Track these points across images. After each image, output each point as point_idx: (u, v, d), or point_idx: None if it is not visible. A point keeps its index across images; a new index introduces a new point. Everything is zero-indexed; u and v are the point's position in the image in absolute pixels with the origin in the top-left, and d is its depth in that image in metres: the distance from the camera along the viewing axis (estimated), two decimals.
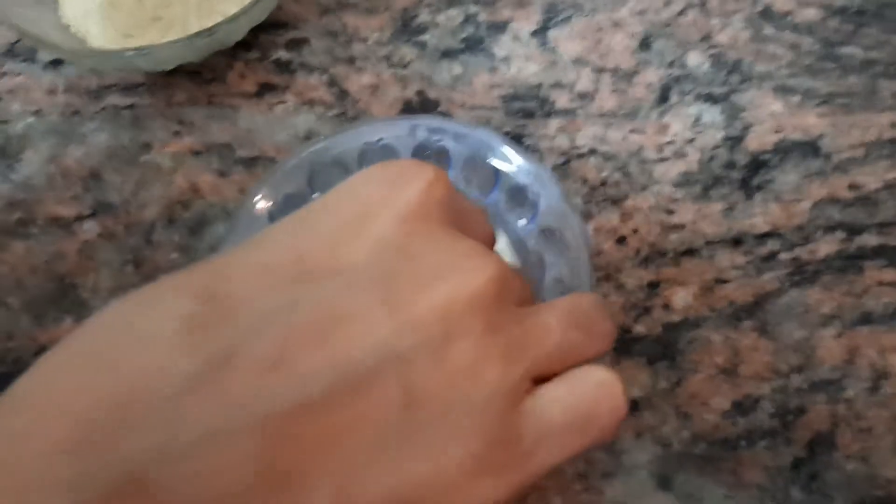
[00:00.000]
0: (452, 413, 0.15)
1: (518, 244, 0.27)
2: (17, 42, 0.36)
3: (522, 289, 0.18)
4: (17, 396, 0.13)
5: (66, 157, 0.33)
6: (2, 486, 0.12)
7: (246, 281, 0.15)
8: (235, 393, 0.13)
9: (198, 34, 0.30)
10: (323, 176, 0.27)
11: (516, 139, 0.33)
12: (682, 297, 0.29)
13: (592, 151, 0.32)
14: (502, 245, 0.27)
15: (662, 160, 0.32)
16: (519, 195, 0.27)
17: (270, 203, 0.26)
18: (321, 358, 0.14)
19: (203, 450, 0.12)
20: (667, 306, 0.29)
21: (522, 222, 0.27)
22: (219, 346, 0.13)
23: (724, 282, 0.29)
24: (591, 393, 0.16)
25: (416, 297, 0.15)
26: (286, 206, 0.27)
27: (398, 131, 0.27)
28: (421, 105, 0.34)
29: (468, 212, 0.19)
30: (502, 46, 0.35)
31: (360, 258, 0.15)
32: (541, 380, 0.16)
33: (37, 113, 0.34)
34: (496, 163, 0.27)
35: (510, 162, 0.27)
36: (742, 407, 0.27)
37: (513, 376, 0.15)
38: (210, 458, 0.12)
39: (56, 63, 0.35)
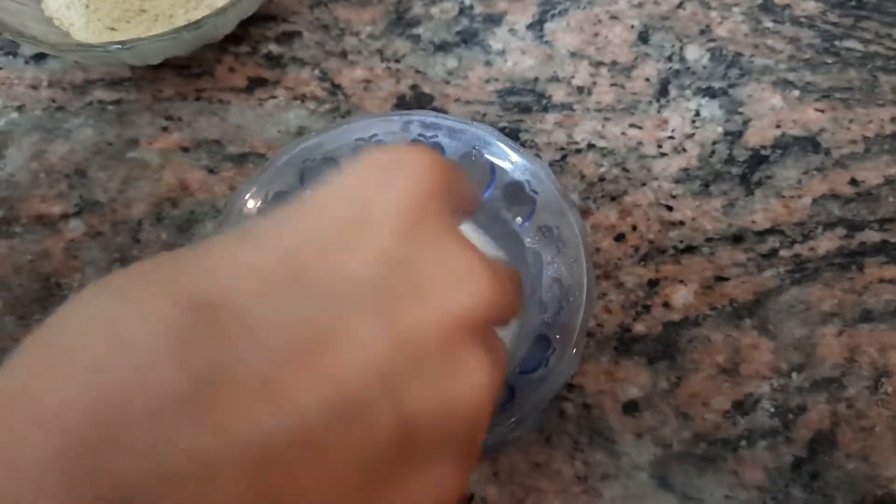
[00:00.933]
0: (447, 444, 0.15)
1: (515, 242, 0.27)
2: None
3: (515, 294, 0.18)
4: None
5: (50, 154, 0.32)
6: None
7: (235, 287, 0.14)
8: (224, 417, 0.13)
9: (185, 27, 0.29)
10: (314, 173, 0.26)
11: (512, 134, 0.32)
12: (682, 295, 0.28)
13: (590, 147, 0.32)
14: (477, 239, 0.27)
15: (661, 155, 0.31)
16: (516, 192, 0.27)
17: (260, 201, 0.26)
18: (312, 381, 0.13)
19: (190, 477, 0.12)
20: (667, 304, 0.28)
21: (519, 220, 0.27)
22: (208, 364, 0.13)
23: (725, 279, 0.29)
24: None
25: (414, 317, 0.15)
26: (277, 203, 0.26)
27: (391, 127, 0.27)
28: (415, 100, 0.33)
29: (461, 185, 0.18)
30: (498, 39, 0.35)
31: (353, 269, 0.15)
32: None
33: (20, 108, 0.33)
34: (492, 159, 0.27)
35: (506, 158, 0.27)
36: (742, 406, 0.26)
37: (492, 405, 0.16)
38: (197, 487, 0.12)
39: (39, 56, 0.34)
